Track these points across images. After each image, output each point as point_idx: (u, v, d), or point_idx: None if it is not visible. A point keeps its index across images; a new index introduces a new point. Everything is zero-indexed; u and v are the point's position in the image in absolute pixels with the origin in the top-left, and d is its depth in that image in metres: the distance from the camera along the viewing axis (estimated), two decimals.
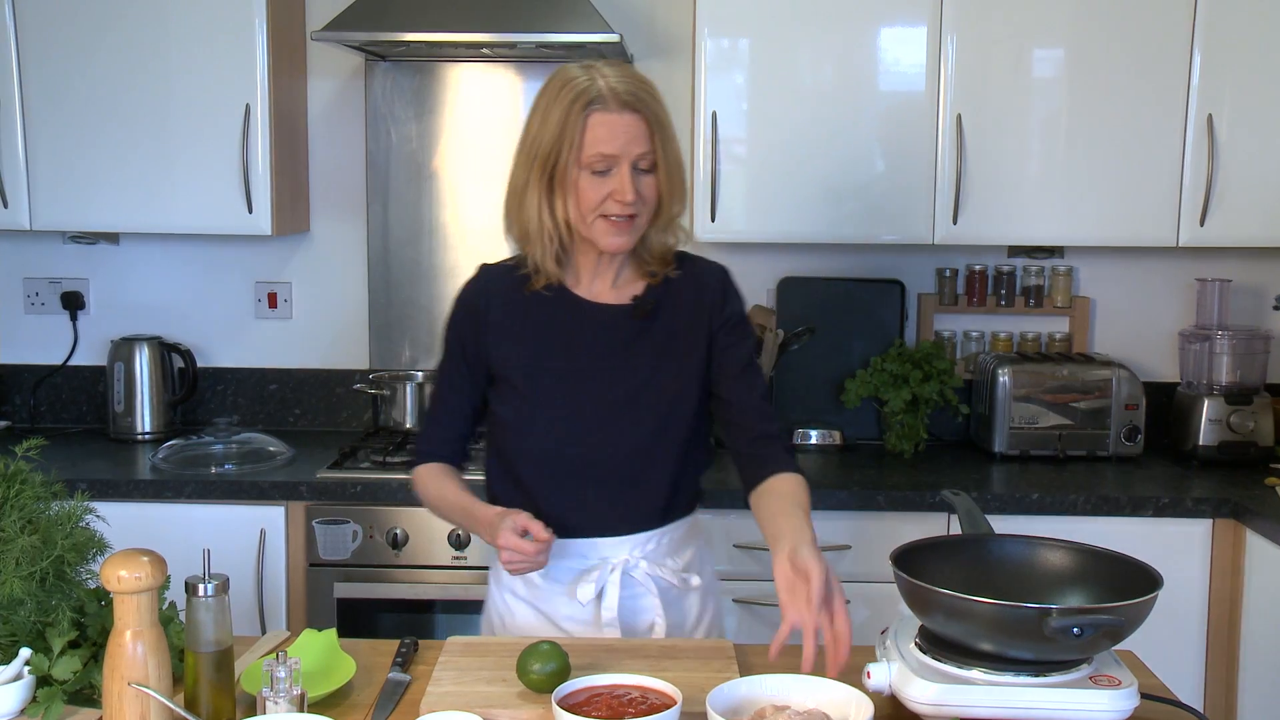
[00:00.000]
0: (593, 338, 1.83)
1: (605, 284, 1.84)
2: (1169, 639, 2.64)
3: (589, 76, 1.71)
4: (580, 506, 1.83)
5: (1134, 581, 1.50)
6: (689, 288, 1.86)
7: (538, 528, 1.71)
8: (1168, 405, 3.16)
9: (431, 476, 1.90)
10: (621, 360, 1.82)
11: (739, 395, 1.86)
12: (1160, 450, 3.12)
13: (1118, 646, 1.51)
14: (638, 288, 1.85)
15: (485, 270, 1.90)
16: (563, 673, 1.54)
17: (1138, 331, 3.30)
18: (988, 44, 2.86)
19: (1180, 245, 2.92)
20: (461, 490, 1.86)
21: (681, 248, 1.88)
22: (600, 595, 1.83)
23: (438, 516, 1.96)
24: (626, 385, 1.82)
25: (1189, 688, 2.70)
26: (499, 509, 1.77)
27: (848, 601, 1.58)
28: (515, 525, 1.71)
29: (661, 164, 1.75)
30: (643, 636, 1.83)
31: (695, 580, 1.91)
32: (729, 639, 1.82)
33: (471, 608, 2.74)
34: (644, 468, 1.84)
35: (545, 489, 1.83)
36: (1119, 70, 2.85)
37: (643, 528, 1.86)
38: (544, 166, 1.73)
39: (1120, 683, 1.45)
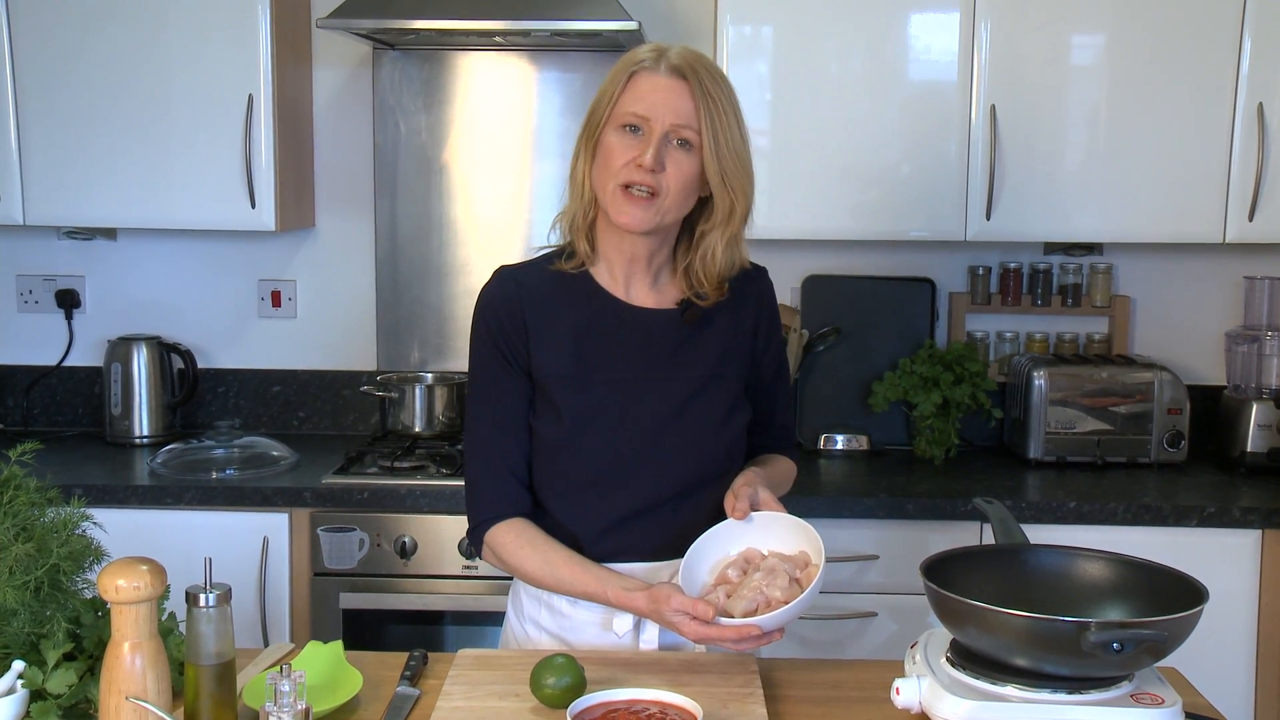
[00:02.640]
0: (640, 346, 1.77)
1: (644, 286, 1.79)
2: (1216, 655, 2.63)
3: (655, 50, 1.70)
4: (619, 529, 1.77)
5: (1178, 595, 1.49)
6: (736, 291, 1.82)
7: (703, 608, 1.59)
8: (1213, 409, 3.14)
9: (523, 541, 1.75)
10: (670, 370, 1.77)
11: (766, 404, 1.89)
12: (1205, 457, 3.10)
13: (1160, 663, 1.50)
14: (678, 292, 1.79)
15: (509, 272, 1.80)
16: (578, 687, 1.54)
17: (1181, 332, 3.28)
18: (1024, 31, 2.85)
19: (1227, 241, 2.90)
20: (573, 558, 1.74)
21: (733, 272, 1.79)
22: (638, 626, 1.76)
23: (534, 585, 1.80)
24: (676, 397, 1.77)
25: (1237, 707, 2.69)
26: (643, 589, 1.67)
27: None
28: (682, 608, 1.59)
29: (708, 145, 1.65)
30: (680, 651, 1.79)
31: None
32: (751, 653, 1.81)
33: (483, 619, 2.76)
34: (693, 488, 1.78)
35: (582, 511, 1.77)
36: (1162, 57, 2.84)
37: (685, 552, 1.76)
38: (588, 131, 1.71)
39: (1163, 701, 1.44)
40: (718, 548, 1.71)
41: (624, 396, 1.76)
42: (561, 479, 1.78)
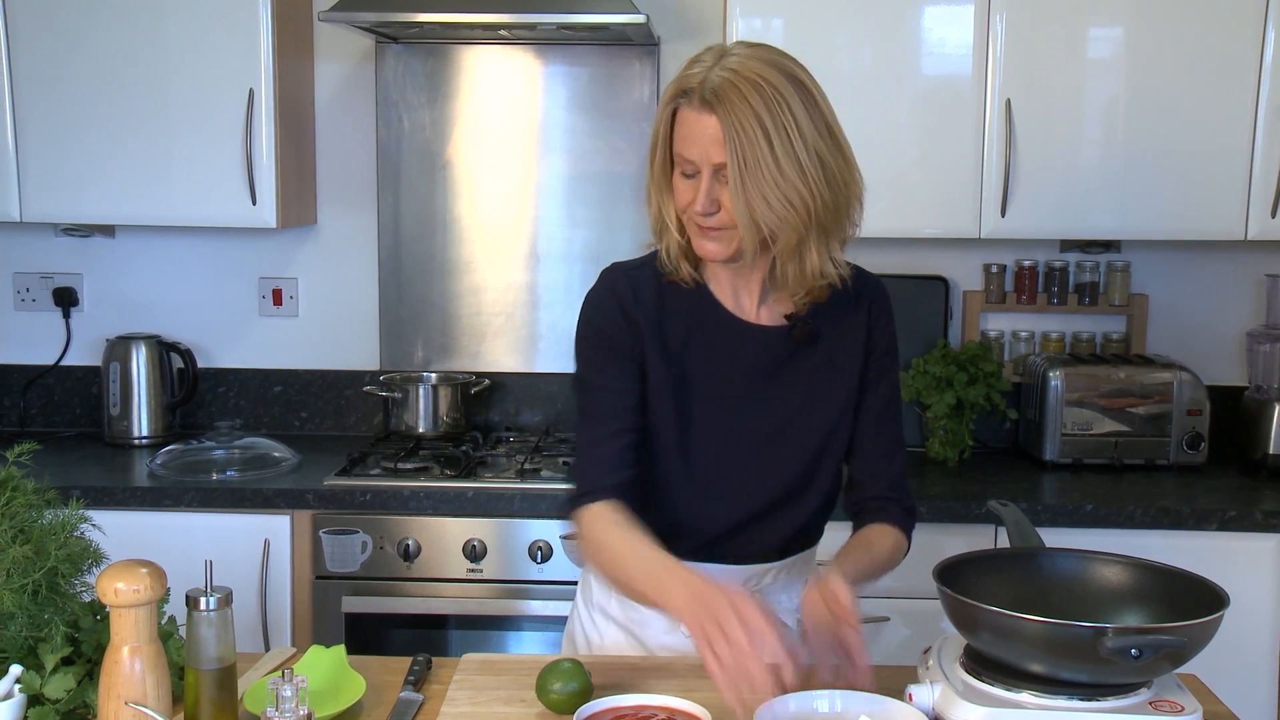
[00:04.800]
0: (747, 359, 1.75)
1: (753, 301, 1.77)
2: (1237, 662, 2.62)
3: (708, 63, 1.61)
4: (702, 534, 1.76)
5: (1198, 600, 1.49)
6: (849, 305, 1.79)
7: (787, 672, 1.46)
8: (1234, 411, 3.13)
9: (615, 528, 1.66)
10: (776, 386, 1.76)
11: (875, 437, 1.83)
12: (1226, 459, 3.09)
13: (1180, 670, 1.50)
14: (788, 305, 1.78)
15: (623, 271, 1.78)
16: (585, 693, 1.54)
17: (1201, 331, 3.27)
18: (1040, 23, 2.84)
19: (1249, 238, 2.89)
20: (662, 552, 1.62)
21: (831, 280, 1.72)
22: None
23: (610, 583, 1.75)
24: (780, 414, 1.76)
25: (1259, 715, 2.68)
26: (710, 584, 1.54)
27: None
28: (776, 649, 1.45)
29: (734, 180, 1.58)
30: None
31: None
32: None
33: (487, 624, 2.76)
34: (785, 503, 1.78)
35: (668, 516, 1.75)
36: (1182, 50, 2.83)
37: (763, 560, 1.79)
38: (658, 160, 1.69)
39: (1183, 709, 1.44)
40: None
41: (726, 410, 1.75)
42: (653, 486, 1.76)
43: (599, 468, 1.71)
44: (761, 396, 1.76)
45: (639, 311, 1.73)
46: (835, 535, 1.89)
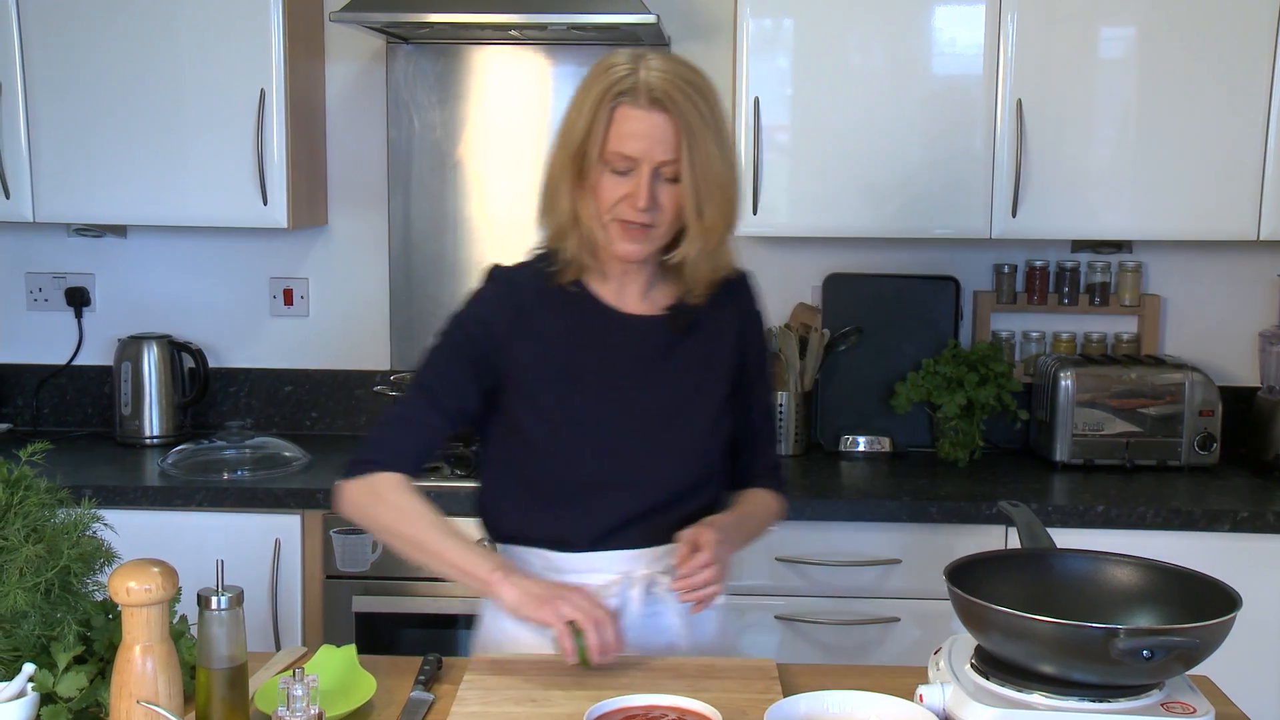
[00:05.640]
0: (629, 350, 1.81)
1: (636, 293, 1.83)
2: (1249, 664, 2.60)
3: (630, 66, 1.68)
4: (604, 523, 1.81)
5: (1210, 601, 1.48)
6: (722, 295, 1.86)
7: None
8: (1246, 411, 3.13)
9: (401, 492, 1.75)
10: (659, 375, 1.82)
11: (753, 415, 1.92)
12: (1237, 460, 3.08)
13: (1192, 671, 1.50)
14: (669, 298, 1.84)
15: (502, 273, 1.85)
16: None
17: (1213, 332, 3.26)
18: (1051, 23, 2.84)
19: (1261, 239, 2.88)
20: (450, 528, 1.74)
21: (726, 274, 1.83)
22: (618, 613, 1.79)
23: (390, 547, 1.79)
24: (666, 401, 1.82)
25: (1272, 716, 2.67)
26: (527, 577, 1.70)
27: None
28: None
29: (688, 176, 1.68)
30: (659, 657, 1.80)
31: (719, 598, 1.87)
32: (771, 658, 1.82)
33: None
34: (680, 487, 1.84)
35: (568, 507, 1.81)
36: (1194, 49, 2.83)
37: (667, 541, 1.83)
38: (574, 158, 1.71)
39: (1195, 710, 1.44)
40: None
41: (616, 402, 1.80)
42: (551, 483, 1.81)
43: (406, 444, 1.79)
44: (648, 385, 1.82)
45: (523, 317, 1.79)
46: None
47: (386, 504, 1.75)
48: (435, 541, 1.72)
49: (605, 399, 1.80)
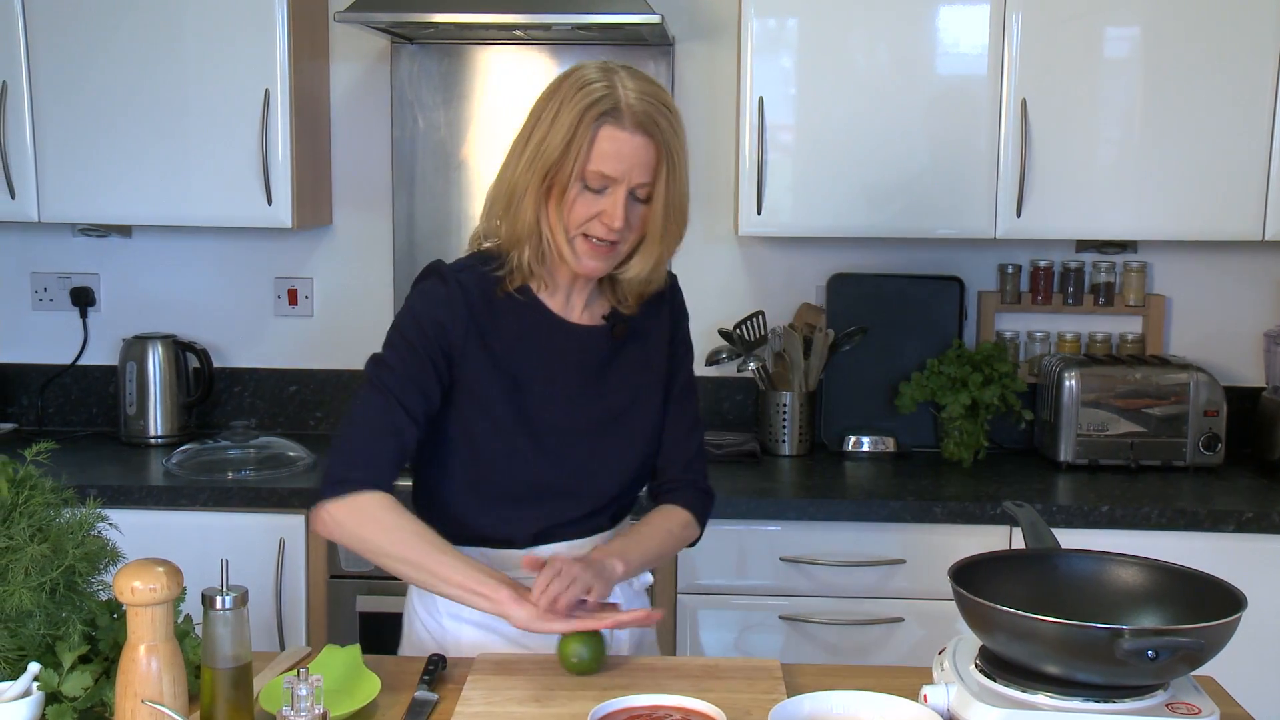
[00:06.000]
0: (575, 359, 1.84)
1: (580, 303, 1.85)
2: (1254, 664, 2.60)
3: (608, 83, 1.68)
4: (545, 523, 1.84)
5: (1215, 602, 1.48)
6: (654, 302, 1.89)
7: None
8: (1251, 411, 3.12)
9: (389, 511, 1.71)
10: (602, 383, 1.85)
11: (676, 420, 1.93)
12: (1242, 460, 3.08)
13: (1197, 672, 1.50)
14: (604, 307, 1.86)
15: (449, 273, 1.81)
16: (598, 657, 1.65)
17: (1218, 332, 3.26)
18: (1056, 22, 2.83)
19: (1266, 239, 2.88)
20: (446, 547, 1.71)
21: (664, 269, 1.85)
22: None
23: (383, 567, 1.75)
24: (609, 408, 1.85)
25: (1277, 718, 2.67)
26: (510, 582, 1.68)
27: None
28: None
29: (659, 199, 1.71)
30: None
31: (648, 579, 1.95)
32: (775, 658, 1.82)
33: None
34: (616, 488, 1.89)
35: (513, 509, 1.83)
36: (1199, 49, 2.82)
37: (595, 532, 1.89)
38: (545, 171, 1.70)
39: (1200, 711, 1.44)
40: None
41: (564, 411, 1.83)
42: (495, 487, 1.82)
43: (381, 457, 1.72)
44: (593, 393, 1.85)
45: (469, 318, 1.77)
46: None
47: (377, 525, 1.71)
48: (436, 563, 1.69)
49: (553, 407, 1.82)
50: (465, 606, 1.75)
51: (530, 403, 1.81)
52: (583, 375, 1.84)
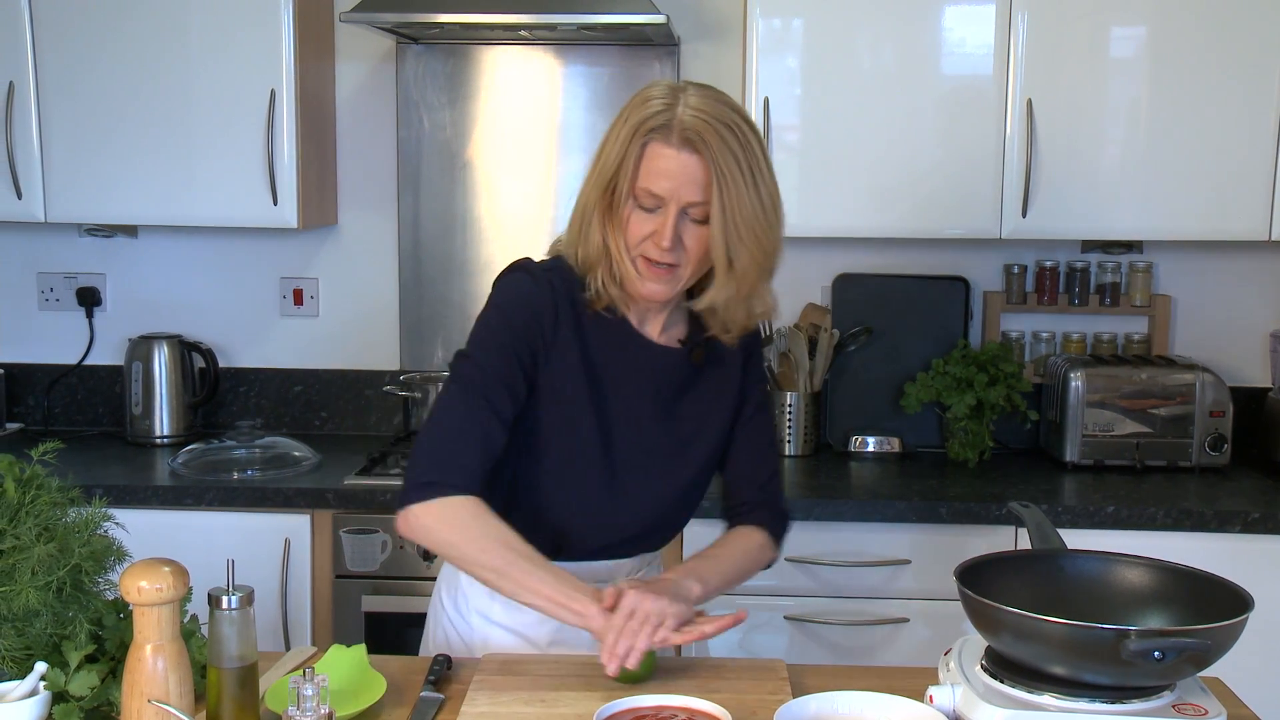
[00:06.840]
0: (654, 380, 1.81)
1: (658, 322, 1.81)
2: (1261, 665, 2.60)
3: (668, 100, 1.64)
4: (596, 537, 1.82)
5: (1221, 602, 1.48)
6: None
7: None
8: (1257, 412, 3.12)
9: (480, 519, 1.66)
10: (673, 408, 1.83)
11: (752, 441, 1.90)
12: (1249, 461, 3.07)
13: (1203, 673, 1.49)
14: (681, 331, 1.83)
15: (537, 269, 1.77)
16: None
17: (1224, 332, 3.25)
18: (1062, 22, 2.83)
19: (1272, 239, 2.87)
20: (536, 557, 1.66)
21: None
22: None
23: (468, 573, 1.72)
24: (686, 430, 1.83)
25: None
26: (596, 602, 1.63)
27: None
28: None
29: (717, 220, 1.64)
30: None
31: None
32: (780, 659, 1.82)
33: None
34: (676, 508, 1.89)
35: (566, 521, 1.80)
36: (1205, 49, 2.82)
37: (646, 550, 1.90)
38: (604, 189, 1.69)
39: (1207, 712, 1.43)
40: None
41: (641, 425, 1.80)
42: (549, 499, 1.79)
43: (471, 459, 1.67)
44: (671, 414, 1.82)
45: (556, 314, 1.74)
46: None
47: (466, 532, 1.66)
48: (523, 573, 1.64)
49: (624, 426, 1.79)
50: (496, 608, 1.80)
51: (614, 414, 1.78)
52: (658, 395, 1.81)
